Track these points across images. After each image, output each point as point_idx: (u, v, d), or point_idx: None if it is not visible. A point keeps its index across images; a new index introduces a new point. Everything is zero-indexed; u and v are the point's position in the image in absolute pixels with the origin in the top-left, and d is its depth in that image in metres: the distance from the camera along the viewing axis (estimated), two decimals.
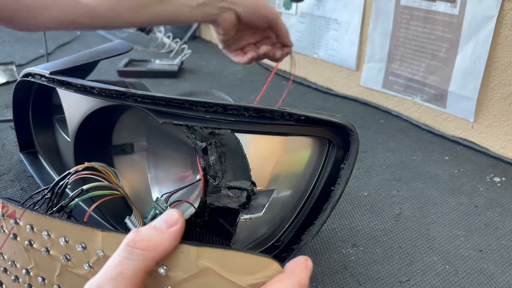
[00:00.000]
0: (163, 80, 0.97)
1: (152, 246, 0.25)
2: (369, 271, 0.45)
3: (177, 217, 0.27)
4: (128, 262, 0.25)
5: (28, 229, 0.31)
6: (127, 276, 0.24)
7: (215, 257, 0.26)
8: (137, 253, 0.25)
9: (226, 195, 0.38)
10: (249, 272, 0.26)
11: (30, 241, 0.31)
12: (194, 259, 0.26)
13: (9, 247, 0.32)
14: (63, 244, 0.30)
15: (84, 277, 0.29)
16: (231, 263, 0.26)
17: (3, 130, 0.70)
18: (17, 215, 0.32)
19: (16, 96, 0.55)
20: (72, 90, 0.42)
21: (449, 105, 0.73)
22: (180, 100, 0.36)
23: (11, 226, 0.32)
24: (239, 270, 0.26)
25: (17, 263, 0.32)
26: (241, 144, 0.36)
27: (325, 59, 0.93)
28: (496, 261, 0.47)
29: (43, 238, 0.31)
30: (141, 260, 0.25)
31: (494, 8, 0.63)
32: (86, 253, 0.29)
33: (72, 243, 0.30)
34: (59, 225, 0.30)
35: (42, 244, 0.31)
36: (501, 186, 0.61)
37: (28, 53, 1.07)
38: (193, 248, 0.26)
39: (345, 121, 0.37)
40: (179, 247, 0.27)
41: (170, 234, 0.26)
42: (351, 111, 0.84)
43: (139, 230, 0.26)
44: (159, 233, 0.26)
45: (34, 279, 0.32)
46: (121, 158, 0.51)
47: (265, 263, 0.25)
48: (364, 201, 0.57)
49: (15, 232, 0.32)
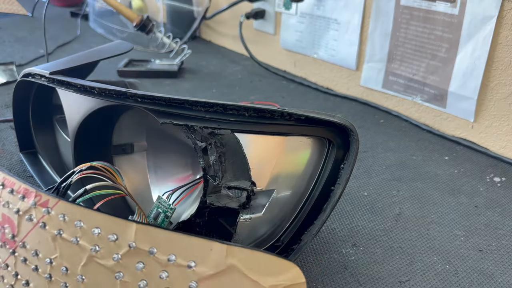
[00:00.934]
0: (163, 80, 0.97)
1: None
2: (369, 271, 0.45)
3: None
4: None
5: (60, 218, 0.31)
6: None
7: (243, 256, 0.27)
8: None
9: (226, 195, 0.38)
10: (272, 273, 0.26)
11: (60, 230, 0.31)
12: (223, 257, 0.27)
13: (34, 236, 0.32)
14: (94, 235, 0.30)
15: (110, 268, 0.29)
16: (256, 263, 0.27)
17: (3, 130, 0.70)
18: (50, 204, 0.32)
19: (16, 96, 0.55)
20: (72, 90, 0.42)
21: (449, 105, 0.73)
22: (180, 100, 0.36)
23: (41, 215, 0.32)
24: (263, 271, 0.26)
25: (40, 253, 0.32)
26: (241, 144, 0.36)
27: (325, 59, 0.93)
28: (496, 261, 0.47)
29: (75, 228, 0.30)
30: None
31: (494, 8, 0.63)
32: (117, 244, 0.29)
33: (104, 233, 0.30)
34: (93, 215, 0.30)
35: (72, 234, 0.31)
36: (501, 186, 0.61)
37: (28, 53, 1.07)
38: (223, 246, 0.27)
39: (345, 121, 0.37)
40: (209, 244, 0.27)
41: None
42: (351, 111, 0.84)
43: None
44: None
45: (57, 269, 0.31)
46: (121, 158, 0.51)
47: (288, 267, 0.27)
48: (364, 201, 0.57)
49: (45, 221, 0.32)
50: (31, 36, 1.22)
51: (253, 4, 1.05)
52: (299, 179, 0.41)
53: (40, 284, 0.32)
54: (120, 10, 1.01)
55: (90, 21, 1.36)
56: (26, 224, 0.33)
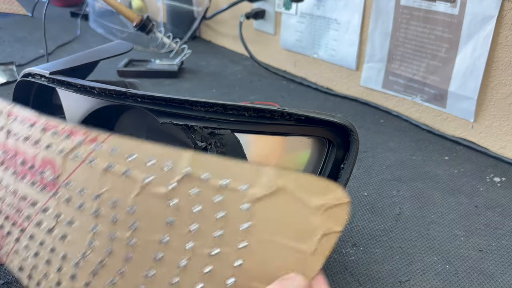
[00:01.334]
0: (163, 80, 0.97)
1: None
2: (369, 271, 0.45)
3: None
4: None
5: (111, 152, 0.30)
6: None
7: (293, 177, 0.28)
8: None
9: None
10: (319, 194, 0.28)
11: (110, 164, 0.30)
12: (274, 178, 0.28)
13: (81, 174, 0.31)
14: (149, 165, 0.29)
15: (164, 196, 0.28)
16: (305, 184, 0.28)
17: None
18: (99, 139, 0.30)
19: (16, 96, 0.55)
20: (72, 90, 0.42)
21: (449, 105, 0.73)
22: (180, 100, 0.36)
23: (90, 151, 0.30)
24: (310, 191, 0.28)
25: (87, 189, 0.30)
26: (241, 144, 0.37)
27: (325, 59, 0.93)
28: (496, 261, 0.47)
29: (126, 160, 0.29)
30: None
31: (494, 8, 0.63)
32: (172, 171, 0.29)
33: (159, 163, 0.29)
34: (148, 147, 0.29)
35: (124, 166, 0.29)
36: (501, 186, 0.61)
37: (28, 53, 1.07)
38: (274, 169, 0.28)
39: (345, 121, 0.37)
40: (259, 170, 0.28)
41: None
42: (351, 111, 0.84)
43: None
44: None
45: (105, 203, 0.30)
46: None
47: (333, 188, 0.28)
48: (364, 201, 0.57)
49: (93, 157, 0.30)
50: (31, 36, 1.22)
51: (253, 4, 1.05)
52: None
53: (85, 221, 0.30)
54: (120, 10, 1.01)
55: (90, 21, 1.36)
56: (71, 163, 0.31)
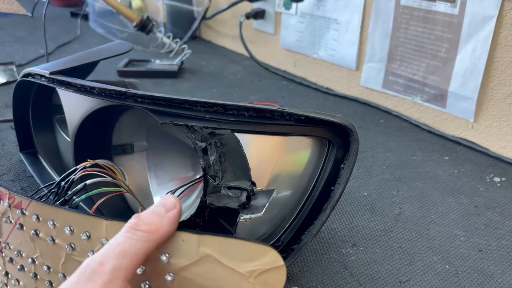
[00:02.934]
0: (163, 80, 0.97)
1: (154, 229, 0.27)
2: (369, 271, 0.45)
3: (174, 202, 0.29)
4: (131, 241, 0.26)
5: (34, 219, 0.32)
6: (130, 254, 0.25)
7: (215, 244, 0.27)
8: (140, 234, 0.26)
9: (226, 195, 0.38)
10: (248, 259, 0.26)
11: (36, 230, 0.32)
12: (195, 247, 0.27)
13: (15, 237, 0.33)
14: (68, 233, 0.30)
15: None
16: (230, 250, 0.27)
17: (3, 130, 0.70)
18: (23, 205, 0.32)
19: (16, 96, 0.55)
20: (72, 90, 0.42)
21: (449, 105, 0.73)
22: (180, 100, 0.36)
23: (17, 217, 0.32)
24: (238, 257, 0.26)
25: (23, 253, 0.33)
26: (241, 144, 0.36)
27: (325, 59, 0.93)
28: (496, 261, 0.47)
29: (49, 227, 0.31)
30: (143, 241, 0.26)
31: (494, 8, 0.63)
32: (90, 241, 0.30)
33: (77, 232, 0.30)
34: (65, 214, 0.31)
35: (47, 234, 0.31)
36: (501, 186, 0.61)
37: (28, 53, 1.07)
38: (194, 236, 0.27)
39: (345, 121, 0.37)
40: (180, 235, 0.27)
41: (168, 218, 0.28)
42: (351, 111, 0.84)
43: (140, 215, 0.27)
44: (159, 217, 0.28)
45: (40, 268, 0.32)
46: (121, 158, 0.51)
47: (263, 251, 0.26)
48: (364, 201, 0.57)
49: (21, 222, 0.32)
50: (31, 36, 1.22)
51: (253, 4, 1.05)
52: (299, 179, 0.41)
53: (28, 283, 0.33)
54: (120, 10, 1.01)
55: (90, 21, 1.36)
56: (6, 225, 0.33)
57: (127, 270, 0.25)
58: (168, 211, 0.28)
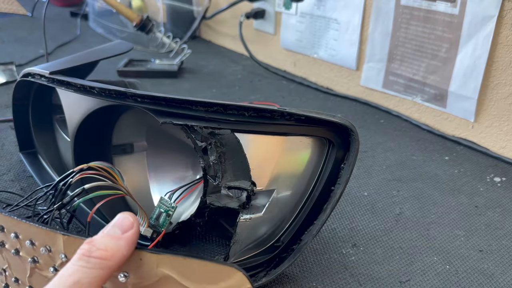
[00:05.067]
0: (163, 80, 0.97)
1: (109, 255, 0.25)
2: (369, 271, 0.45)
3: (132, 220, 0.27)
4: (85, 270, 0.24)
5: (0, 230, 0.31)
6: (83, 285, 0.23)
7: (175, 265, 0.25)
8: (94, 261, 0.24)
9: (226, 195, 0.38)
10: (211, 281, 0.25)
11: (2, 241, 0.31)
12: (154, 267, 0.25)
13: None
14: (29, 247, 0.29)
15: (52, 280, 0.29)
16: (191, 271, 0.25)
17: (3, 130, 0.70)
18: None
19: (16, 96, 0.55)
20: (72, 90, 0.42)
21: (449, 105, 0.73)
22: (180, 100, 0.36)
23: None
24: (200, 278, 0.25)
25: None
26: (241, 144, 0.36)
27: (325, 59, 0.93)
28: (496, 261, 0.47)
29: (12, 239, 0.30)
30: (98, 269, 0.24)
31: (494, 8, 0.63)
32: (51, 256, 0.29)
33: (38, 245, 0.29)
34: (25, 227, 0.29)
35: (12, 246, 0.30)
36: (501, 186, 0.61)
37: (28, 53, 1.07)
38: (153, 256, 0.25)
39: (345, 121, 0.37)
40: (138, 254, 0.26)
41: (126, 240, 0.26)
42: (351, 111, 0.84)
43: (93, 240, 0.25)
44: (115, 240, 0.25)
45: (9, 279, 0.31)
46: (121, 158, 0.51)
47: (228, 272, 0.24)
48: (364, 201, 0.57)
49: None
50: (31, 36, 1.22)
51: (253, 4, 1.05)
52: (299, 179, 0.41)
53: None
54: (120, 10, 1.01)
55: (90, 21, 1.36)
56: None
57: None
58: (125, 232, 0.26)
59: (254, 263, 0.42)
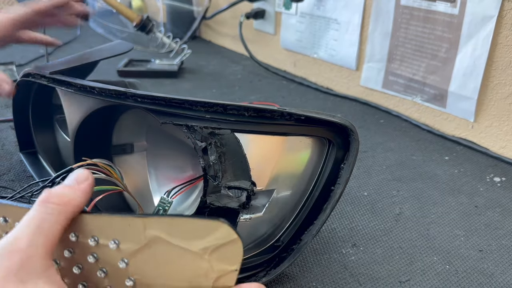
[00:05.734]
0: (163, 80, 0.97)
1: (66, 201, 0.27)
2: (369, 271, 0.45)
3: (86, 174, 0.29)
4: (44, 216, 0.26)
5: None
6: (44, 229, 0.25)
7: (162, 225, 0.26)
8: (52, 207, 0.26)
9: (226, 195, 0.38)
10: (199, 236, 0.26)
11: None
12: (142, 230, 0.26)
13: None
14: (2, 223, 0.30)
15: None
16: (179, 229, 0.26)
17: (3, 130, 0.70)
18: None
19: (16, 96, 0.55)
20: (72, 90, 0.42)
21: (449, 105, 0.73)
22: (180, 100, 0.36)
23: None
24: (188, 236, 0.26)
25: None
26: (241, 144, 0.36)
27: (325, 59, 0.93)
28: (496, 261, 0.47)
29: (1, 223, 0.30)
30: (56, 214, 0.26)
31: (494, 8, 0.63)
32: None
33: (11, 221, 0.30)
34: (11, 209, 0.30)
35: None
36: (501, 186, 0.61)
37: (28, 53, 1.07)
38: (140, 220, 0.27)
39: (345, 121, 0.37)
40: (126, 220, 0.27)
41: (81, 190, 0.28)
42: (351, 111, 0.84)
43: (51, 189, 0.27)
44: (70, 189, 0.28)
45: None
46: (121, 158, 0.51)
47: (214, 226, 0.25)
48: (364, 201, 0.57)
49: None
50: None
51: (253, 4, 1.05)
52: (299, 179, 0.41)
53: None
54: (120, 10, 1.01)
55: (90, 21, 1.36)
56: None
57: (44, 246, 0.25)
58: (80, 183, 0.28)
59: (254, 263, 0.42)
